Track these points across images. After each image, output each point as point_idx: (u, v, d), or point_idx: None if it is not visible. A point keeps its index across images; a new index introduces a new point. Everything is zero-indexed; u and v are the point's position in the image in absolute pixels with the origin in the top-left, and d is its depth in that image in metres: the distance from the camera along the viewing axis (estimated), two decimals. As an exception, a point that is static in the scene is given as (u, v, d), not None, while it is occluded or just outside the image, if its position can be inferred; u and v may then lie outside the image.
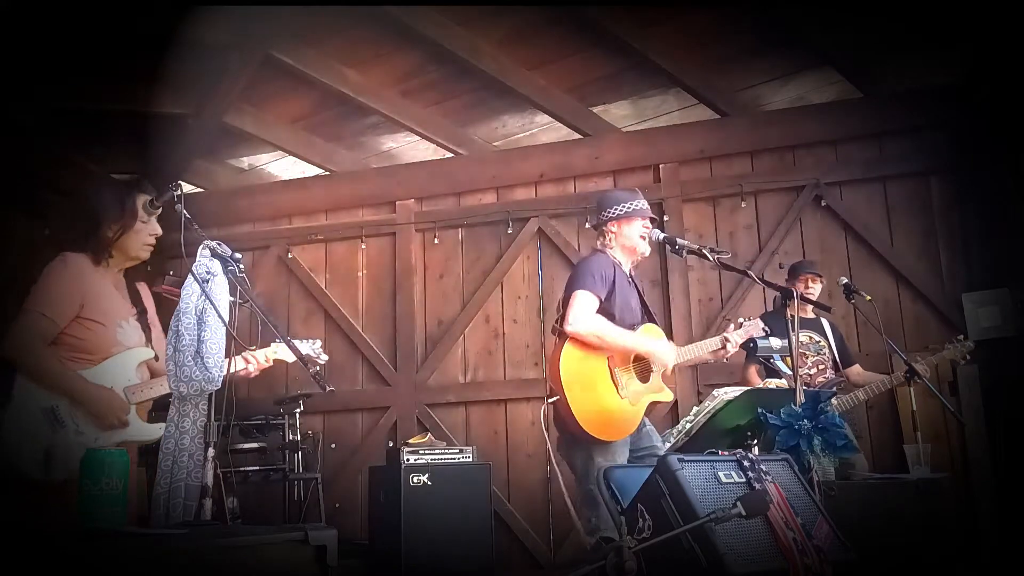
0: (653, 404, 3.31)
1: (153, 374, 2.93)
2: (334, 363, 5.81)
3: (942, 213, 5.07)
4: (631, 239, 3.38)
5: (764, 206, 5.38)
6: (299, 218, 6.15)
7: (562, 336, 3.21)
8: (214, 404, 2.70)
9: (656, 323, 3.44)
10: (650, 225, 3.42)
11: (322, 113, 5.44)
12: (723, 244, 5.25)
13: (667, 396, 3.36)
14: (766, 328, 3.42)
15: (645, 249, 3.42)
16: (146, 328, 2.96)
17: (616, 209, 3.38)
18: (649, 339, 3.29)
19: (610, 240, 3.40)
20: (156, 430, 2.83)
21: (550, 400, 3.15)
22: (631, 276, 3.44)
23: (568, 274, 3.48)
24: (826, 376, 4.24)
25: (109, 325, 2.81)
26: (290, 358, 2.96)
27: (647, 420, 3.37)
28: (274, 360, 3.01)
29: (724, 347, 3.39)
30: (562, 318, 3.21)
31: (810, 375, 4.20)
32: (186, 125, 5.16)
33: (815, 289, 4.34)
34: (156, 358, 2.94)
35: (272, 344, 3.02)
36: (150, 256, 2.98)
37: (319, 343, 3.18)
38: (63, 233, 2.86)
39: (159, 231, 2.93)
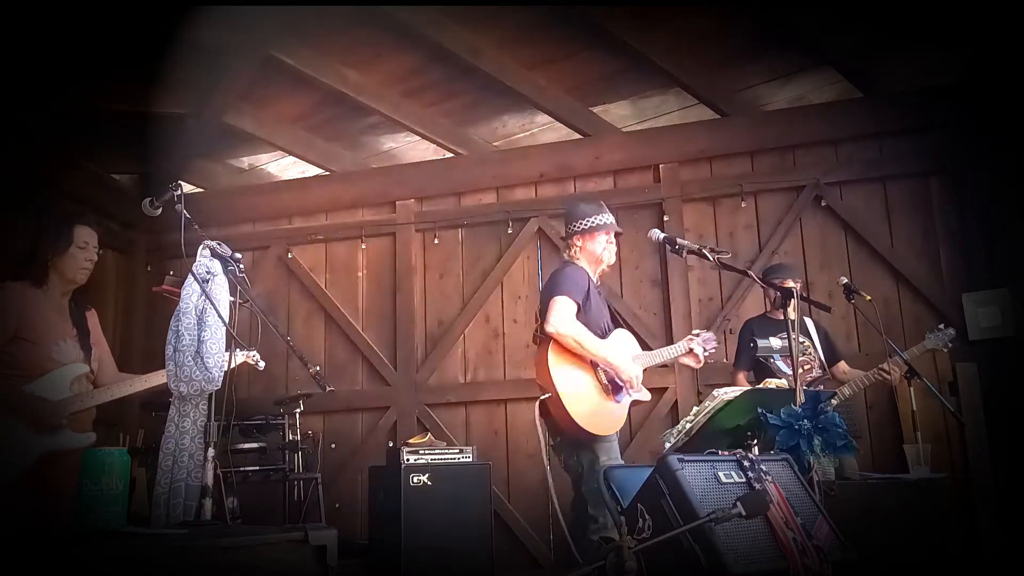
0: (634, 403, 3.48)
1: (95, 386, 3.12)
2: (334, 363, 5.82)
3: (942, 213, 5.07)
4: (595, 252, 3.54)
5: (764, 206, 5.37)
6: (299, 218, 6.15)
7: (543, 341, 3.31)
8: (214, 404, 2.71)
9: (624, 327, 3.64)
10: (614, 239, 3.60)
11: (322, 113, 5.43)
12: (723, 244, 5.24)
13: (645, 396, 3.52)
14: (715, 339, 3.79)
15: (610, 259, 3.61)
16: (86, 348, 3.12)
17: (580, 224, 3.54)
18: (618, 353, 3.42)
19: (575, 252, 3.55)
20: (85, 439, 2.98)
21: (543, 397, 3.25)
22: (598, 286, 3.59)
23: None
24: (812, 375, 4.23)
25: (43, 344, 2.97)
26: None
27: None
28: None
29: (691, 352, 3.66)
30: (542, 322, 3.33)
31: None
32: (186, 125, 5.16)
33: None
34: (92, 372, 3.12)
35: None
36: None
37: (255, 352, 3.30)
38: (10, 260, 3.11)
39: (95, 257, 3.12)
